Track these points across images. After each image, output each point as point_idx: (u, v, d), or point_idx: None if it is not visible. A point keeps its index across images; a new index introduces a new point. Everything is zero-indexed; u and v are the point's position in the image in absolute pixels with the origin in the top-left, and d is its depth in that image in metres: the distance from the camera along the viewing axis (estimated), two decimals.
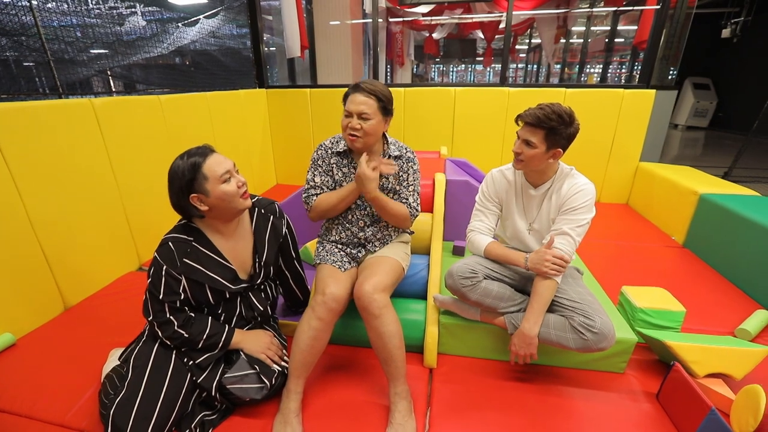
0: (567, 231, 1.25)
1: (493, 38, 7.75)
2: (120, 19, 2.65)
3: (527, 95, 3.16)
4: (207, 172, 1.09)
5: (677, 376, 1.20)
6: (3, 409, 1.27)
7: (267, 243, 1.27)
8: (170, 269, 1.12)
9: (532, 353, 1.24)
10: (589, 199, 1.25)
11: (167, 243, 1.13)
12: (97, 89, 2.84)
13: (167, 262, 1.12)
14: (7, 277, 1.56)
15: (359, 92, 1.29)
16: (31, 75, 2.19)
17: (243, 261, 1.24)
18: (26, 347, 1.55)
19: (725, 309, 1.77)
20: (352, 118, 1.30)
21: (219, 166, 1.11)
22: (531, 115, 1.21)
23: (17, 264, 1.60)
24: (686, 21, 3.11)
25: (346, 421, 1.19)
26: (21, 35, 1.87)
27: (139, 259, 2.25)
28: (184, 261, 1.13)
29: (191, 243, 1.15)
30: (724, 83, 8.33)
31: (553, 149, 1.22)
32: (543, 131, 1.20)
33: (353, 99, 1.30)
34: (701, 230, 2.31)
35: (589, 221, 1.27)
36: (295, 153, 3.77)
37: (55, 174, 1.74)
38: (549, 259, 1.21)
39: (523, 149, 1.25)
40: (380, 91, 1.30)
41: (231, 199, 1.12)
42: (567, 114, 1.19)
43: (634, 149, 3.12)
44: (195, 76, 3.34)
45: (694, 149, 6.63)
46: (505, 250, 1.35)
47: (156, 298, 1.13)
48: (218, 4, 3.33)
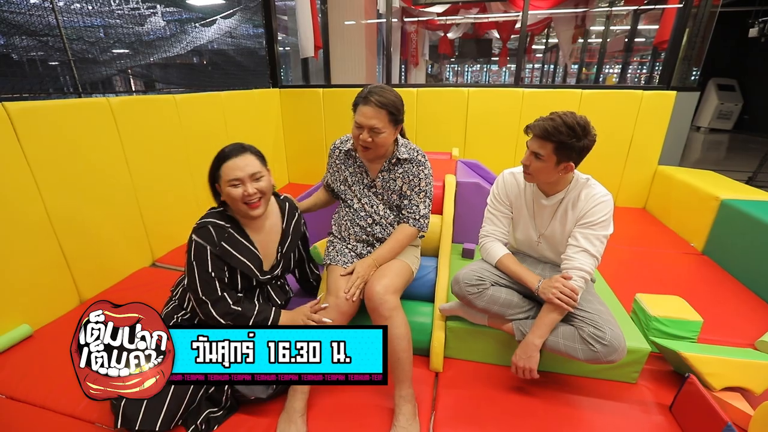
0: (588, 248, 1.19)
1: (509, 38, 7.65)
2: (141, 19, 2.71)
3: (542, 96, 3.11)
4: (222, 171, 1.15)
5: (692, 389, 1.16)
6: (19, 398, 1.31)
7: (290, 237, 1.32)
8: (212, 249, 1.15)
9: (532, 368, 1.19)
10: (608, 212, 1.19)
11: (206, 226, 1.17)
12: (118, 88, 2.91)
13: (209, 243, 1.15)
14: (26, 270, 1.61)
15: (369, 105, 1.24)
16: (54, 74, 2.26)
17: (269, 253, 1.29)
18: (42, 339, 1.60)
19: (745, 320, 1.70)
20: (363, 131, 1.27)
21: (233, 171, 1.14)
22: (539, 127, 1.13)
23: (36, 258, 1.65)
24: (710, 20, 3.00)
25: (350, 423, 1.19)
26: (45, 35, 1.92)
27: (153, 255, 2.30)
28: (222, 244, 1.17)
29: (228, 228, 1.19)
30: (750, 84, 8.02)
31: (564, 163, 1.15)
32: (552, 144, 1.13)
33: (363, 112, 1.25)
34: (722, 237, 2.23)
35: (608, 237, 1.21)
36: (307, 152, 3.79)
37: (73, 171, 1.79)
38: (560, 289, 1.15)
39: (531, 161, 1.19)
40: (391, 103, 1.25)
41: (234, 203, 1.16)
42: (580, 126, 1.11)
43: (652, 152, 3.03)
44: (211, 75, 3.39)
45: (716, 153, 6.41)
46: (518, 268, 1.29)
47: (206, 278, 1.14)
48: (235, 5, 3.37)
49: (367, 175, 1.42)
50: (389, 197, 1.42)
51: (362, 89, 1.31)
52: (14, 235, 1.56)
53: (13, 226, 1.56)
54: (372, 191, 1.42)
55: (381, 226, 1.43)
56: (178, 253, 2.38)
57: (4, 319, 1.55)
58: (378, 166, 1.40)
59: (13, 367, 1.44)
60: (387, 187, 1.40)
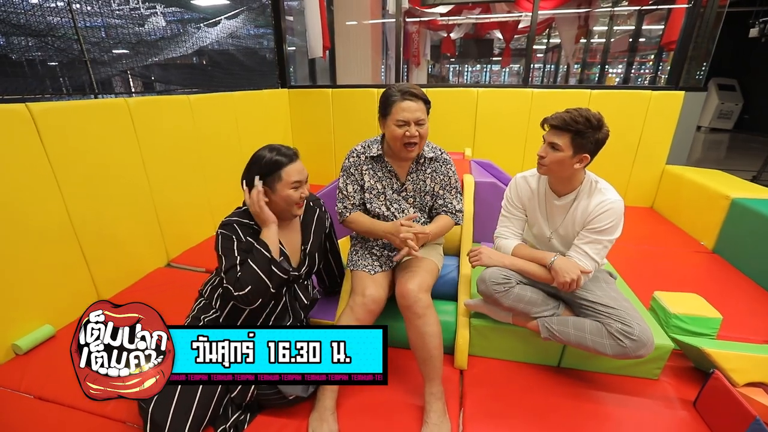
0: (589, 252, 1.23)
1: (512, 38, 7.67)
2: (141, 19, 2.71)
3: (551, 96, 3.13)
4: (284, 174, 1.17)
5: (717, 384, 1.18)
6: (48, 398, 1.32)
7: (313, 234, 1.33)
8: (239, 242, 1.17)
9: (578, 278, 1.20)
10: (617, 218, 1.21)
11: (232, 224, 1.19)
12: (119, 89, 2.90)
13: (235, 235, 1.17)
14: (48, 270, 1.62)
15: (411, 99, 1.26)
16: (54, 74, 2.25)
17: (294, 250, 1.30)
18: (65, 339, 1.60)
19: (759, 317, 1.72)
20: (410, 126, 1.27)
21: (297, 174, 1.18)
22: (557, 118, 1.19)
23: (58, 258, 1.66)
24: (717, 20, 3.03)
25: (380, 421, 1.21)
26: (52, 35, 1.93)
27: (168, 256, 2.30)
28: (248, 239, 1.19)
29: (253, 226, 1.21)
30: (750, 84, 8.07)
31: (580, 154, 1.18)
32: (569, 134, 1.17)
33: (406, 107, 1.26)
34: (733, 235, 2.25)
35: (614, 241, 1.23)
36: (316, 152, 3.80)
37: (93, 172, 1.80)
38: (575, 275, 1.19)
39: (547, 153, 1.21)
40: (424, 95, 1.30)
41: (290, 205, 1.20)
42: (595, 119, 1.16)
43: (660, 152, 3.06)
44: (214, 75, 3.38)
45: (717, 152, 6.45)
46: (532, 251, 1.34)
47: (230, 263, 1.14)
48: (238, 5, 3.37)
49: (397, 180, 1.41)
50: (422, 199, 1.42)
51: (386, 90, 1.32)
52: (38, 236, 1.57)
53: (37, 228, 1.57)
54: (402, 195, 1.42)
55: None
56: (192, 254, 2.39)
57: (28, 319, 1.56)
58: (406, 168, 1.40)
59: (39, 367, 1.44)
60: (418, 189, 1.41)
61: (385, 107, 1.31)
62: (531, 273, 1.30)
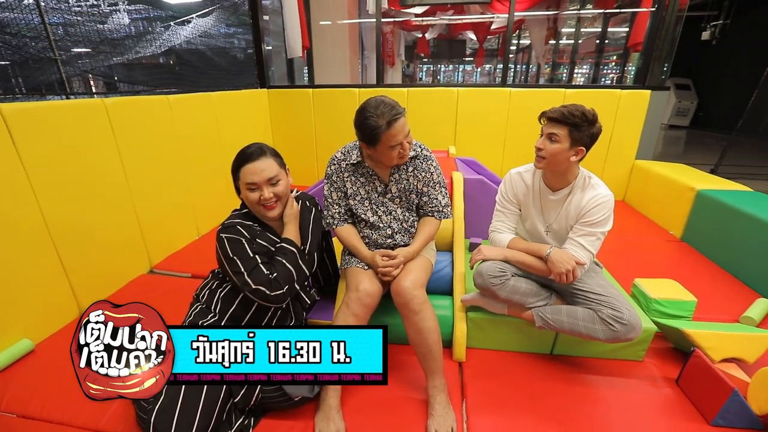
0: (584, 244, 1.28)
1: (485, 39, 7.87)
2: (103, 17, 2.59)
3: (528, 95, 3.23)
4: (242, 174, 1.17)
5: (698, 362, 1.26)
6: (33, 416, 1.25)
7: (311, 233, 1.32)
8: (246, 242, 1.15)
9: (573, 268, 1.24)
10: (608, 211, 1.28)
11: (234, 226, 1.17)
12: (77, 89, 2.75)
13: (242, 237, 1.16)
14: (24, 281, 1.53)
15: (399, 120, 1.22)
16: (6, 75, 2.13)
17: None
18: (45, 353, 1.52)
19: (727, 299, 1.85)
20: (402, 145, 1.26)
21: (250, 176, 1.16)
22: (555, 111, 1.24)
23: (35, 268, 1.57)
24: (676, 23, 3.23)
25: (386, 416, 1.22)
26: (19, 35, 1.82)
27: (150, 262, 2.22)
28: (257, 240, 1.18)
29: (256, 228, 1.21)
30: (703, 84, 8.65)
31: (576, 146, 1.24)
32: (567, 127, 1.23)
33: (396, 132, 1.22)
34: (699, 224, 2.42)
35: (606, 233, 1.30)
36: (297, 153, 3.76)
37: (69, 175, 1.71)
38: (570, 266, 1.23)
39: (545, 145, 1.26)
40: (399, 104, 1.24)
41: (251, 206, 1.19)
42: (591, 114, 1.22)
43: (630, 148, 3.23)
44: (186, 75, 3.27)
45: (676, 147, 6.87)
46: (528, 243, 1.38)
47: (250, 265, 1.13)
48: (210, 4, 3.28)
49: (380, 182, 1.40)
50: (407, 198, 1.42)
51: (366, 119, 1.22)
52: (12, 244, 1.48)
53: (10, 235, 1.48)
54: (387, 198, 1.41)
55: (401, 234, 1.44)
56: (175, 259, 2.31)
57: (3, 334, 1.47)
58: (388, 170, 1.39)
59: (19, 384, 1.36)
60: (402, 189, 1.40)
61: (371, 139, 1.23)
62: (528, 265, 1.34)
